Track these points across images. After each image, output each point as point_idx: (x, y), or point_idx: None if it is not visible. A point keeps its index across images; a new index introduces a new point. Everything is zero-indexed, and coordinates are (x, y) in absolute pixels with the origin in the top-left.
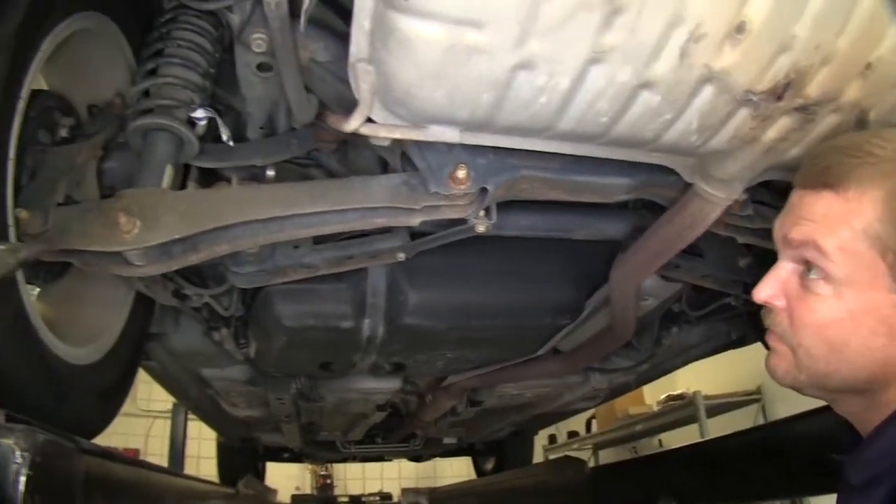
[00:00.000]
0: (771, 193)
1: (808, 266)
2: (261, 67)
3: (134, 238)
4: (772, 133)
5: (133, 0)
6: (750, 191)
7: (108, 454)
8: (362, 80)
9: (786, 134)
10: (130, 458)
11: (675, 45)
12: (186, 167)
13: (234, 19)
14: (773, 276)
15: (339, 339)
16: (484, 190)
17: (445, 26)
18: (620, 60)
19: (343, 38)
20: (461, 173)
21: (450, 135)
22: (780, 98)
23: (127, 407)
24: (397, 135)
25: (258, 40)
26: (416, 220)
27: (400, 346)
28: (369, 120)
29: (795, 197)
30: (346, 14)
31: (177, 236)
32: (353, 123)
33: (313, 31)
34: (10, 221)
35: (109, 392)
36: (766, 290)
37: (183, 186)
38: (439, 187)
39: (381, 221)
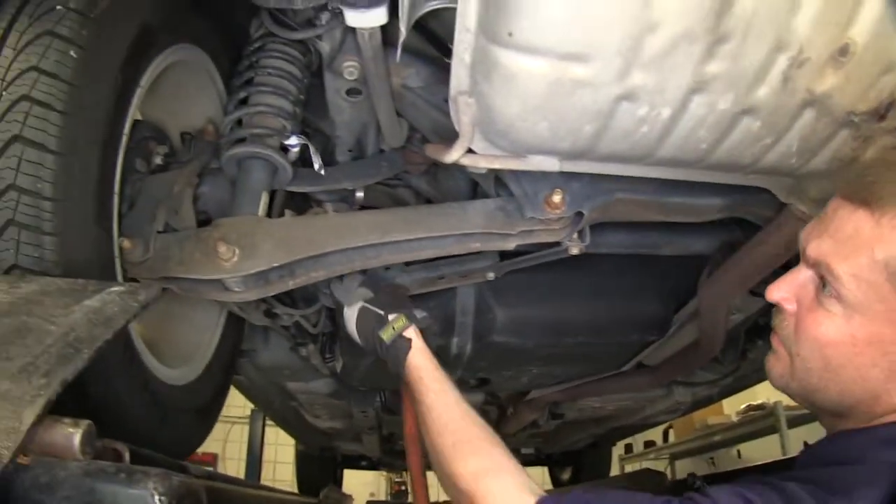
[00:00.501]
0: None
1: (823, 281)
2: (350, 92)
3: (233, 266)
4: (871, 152)
5: (222, 30)
6: None
7: (211, 476)
8: (463, 113)
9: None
10: (228, 477)
11: (777, 71)
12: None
13: (324, 47)
14: (790, 279)
15: None
16: (579, 214)
17: (550, 61)
18: (722, 88)
19: (435, 63)
20: (557, 198)
21: (550, 164)
22: (882, 118)
23: None
24: (497, 165)
25: (350, 68)
26: (511, 245)
27: (487, 363)
28: (469, 150)
29: (831, 207)
30: (436, 40)
31: (275, 264)
32: (454, 155)
33: (405, 58)
34: (117, 252)
35: (205, 410)
36: (780, 292)
37: (272, 209)
38: (535, 212)
39: (476, 246)
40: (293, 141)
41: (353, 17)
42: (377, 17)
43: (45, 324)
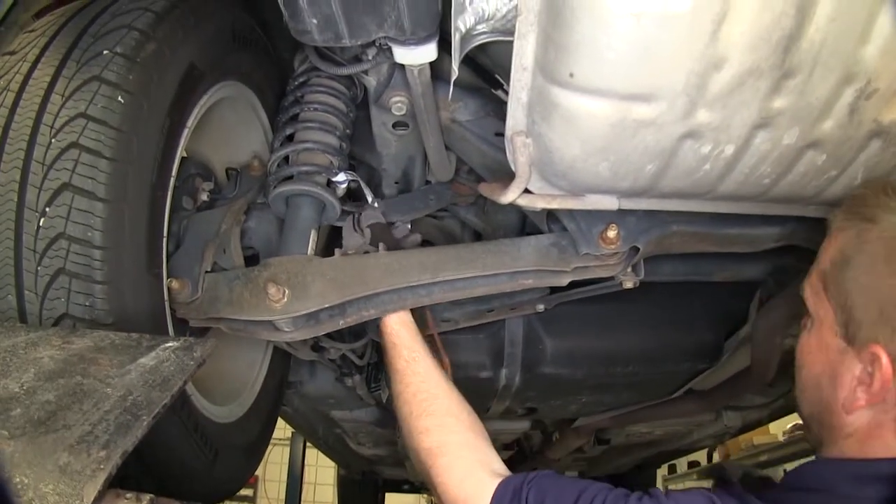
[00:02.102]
0: None
1: None
2: (397, 126)
3: (283, 307)
4: None
5: (266, 65)
6: None
7: None
8: (521, 154)
9: None
10: None
11: (844, 103)
12: None
13: (371, 81)
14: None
15: (476, 387)
16: (634, 248)
17: (612, 102)
18: (788, 123)
19: (483, 95)
20: (612, 233)
21: (609, 202)
22: None
23: None
24: (555, 205)
25: (398, 103)
26: (565, 281)
27: (535, 393)
28: (525, 190)
29: None
30: (484, 72)
31: (325, 305)
32: (511, 196)
33: (454, 91)
34: (166, 296)
35: (254, 445)
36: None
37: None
38: (590, 248)
39: (529, 283)
40: (341, 178)
41: (402, 54)
42: (427, 53)
43: (101, 385)
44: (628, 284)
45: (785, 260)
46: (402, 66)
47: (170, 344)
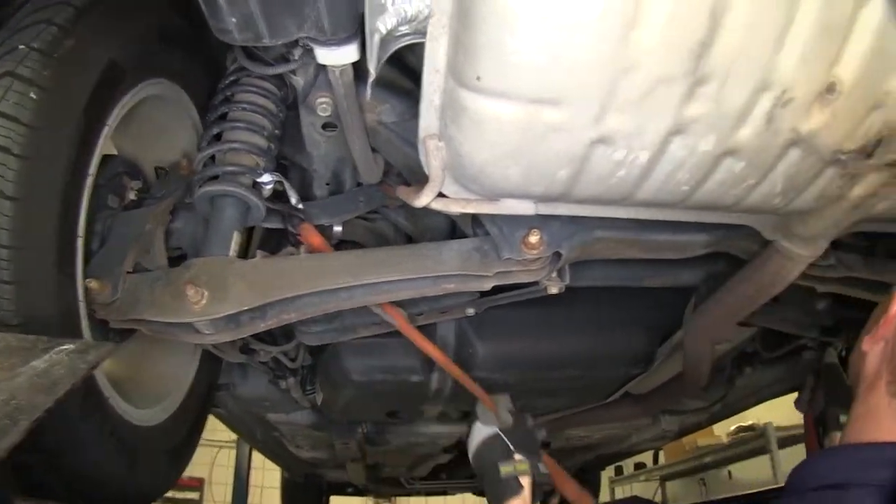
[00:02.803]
0: (855, 238)
1: None
2: (326, 127)
3: (202, 309)
4: (859, 190)
5: (196, 64)
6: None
7: None
8: (433, 157)
9: (875, 189)
10: None
11: (761, 112)
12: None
13: (298, 82)
14: None
15: (407, 391)
16: (558, 254)
17: (520, 105)
18: (703, 130)
19: (410, 97)
20: (534, 238)
21: (525, 207)
22: (870, 155)
23: None
24: (470, 209)
25: (323, 104)
26: (487, 286)
27: (469, 397)
28: (441, 194)
29: None
30: (412, 73)
31: (244, 307)
32: (424, 200)
33: (379, 92)
34: (81, 296)
35: (178, 450)
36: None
37: (248, 245)
38: (512, 253)
39: (451, 287)
40: (266, 178)
41: (324, 55)
42: (347, 54)
43: None
44: (553, 290)
45: (719, 266)
46: (326, 68)
47: (65, 346)
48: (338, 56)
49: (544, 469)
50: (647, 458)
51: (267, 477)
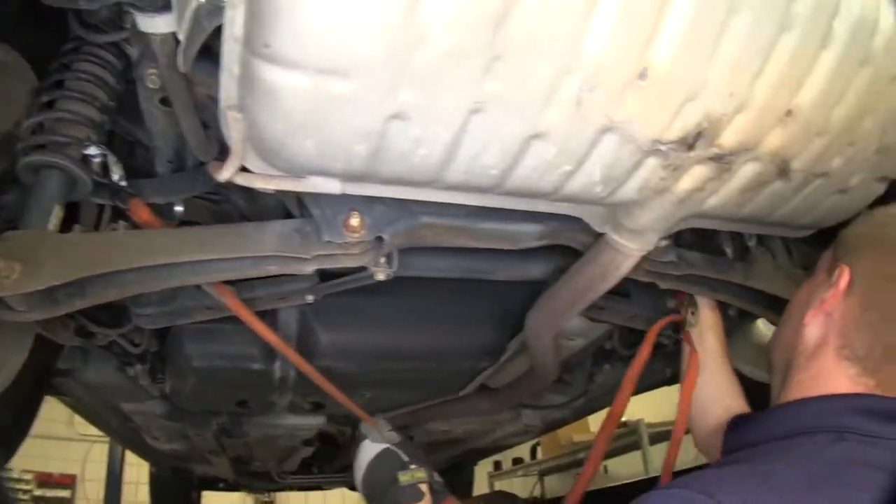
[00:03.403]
0: (697, 237)
1: None
2: (164, 101)
3: (13, 283)
4: (685, 183)
5: (39, 29)
6: (672, 237)
7: None
8: (232, 129)
9: (701, 184)
10: None
11: (568, 94)
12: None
13: (133, 52)
14: None
15: (251, 379)
16: (380, 238)
17: (310, 76)
18: (505, 111)
19: None
20: (354, 221)
21: (330, 186)
22: (691, 148)
23: (64, 431)
24: (273, 186)
25: (151, 76)
26: (308, 269)
27: (315, 387)
28: (246, 169)
29: None
30: None
31: (57, 282)
32: (225, 174)
33: (210, 66)
34: None
35: (3, 436)
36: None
37: (98, 224)
38: (332, 236)
39: (273, 269)
40: (93, 151)
41: (144, 22)
42: (165, 22)
43: None
44: (380, 276)
45: (568, 260)
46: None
47: None
48: (156, 24)
49: (438, 478)
50: (524, 452)
51: (142, 473)
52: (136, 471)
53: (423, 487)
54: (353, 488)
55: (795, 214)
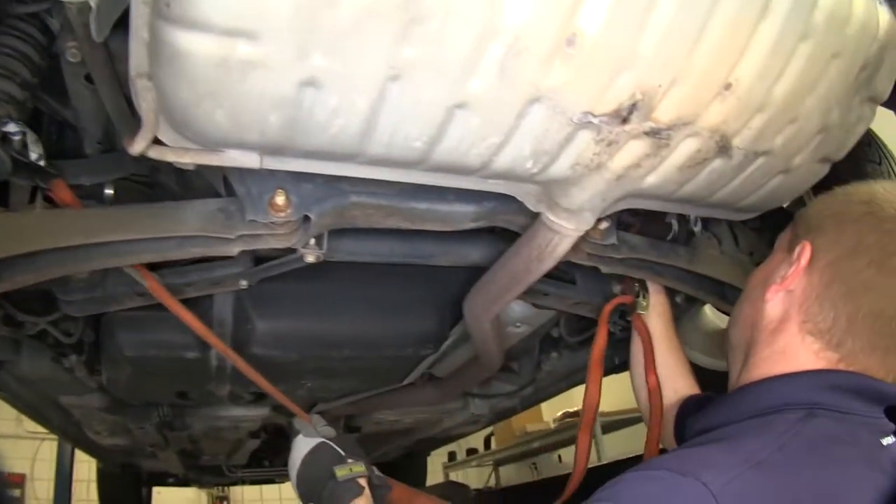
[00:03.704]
0: (642, 221)
1: None
2: (89, 78)
3: None
4: (621, 160)
5: None
6: (613, 218)
7: None
8: (143, 98)
9: (638, 160)
10: None
11: (491, 60)
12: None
13: (54, 24)
14: None
15: (187, 369)
16: (307, 217)
17: (213, 38)
18: (425, 77)
19: None
20: (280, 199)
21: (249, 160)
22: (625, 121)
23: (12, 429)
24: (188, 159)
25: (72, 49)
26: (234, 251)
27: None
28: (160, 142)
29: None
30: None
31: None
32: (137, 146)
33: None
34: None
35: None
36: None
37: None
38: (257, 215)
39: (197, 251)
40: (12, 129)
41: None
42: None
43: None
44: (310, 258)
45: (510, 246)
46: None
47: None
48: None
49: (378, 472)
50: (478, 442)
51: (93, 470)
52: (88, 468)
53: (362, 481)
54: None
55: (738, 195)
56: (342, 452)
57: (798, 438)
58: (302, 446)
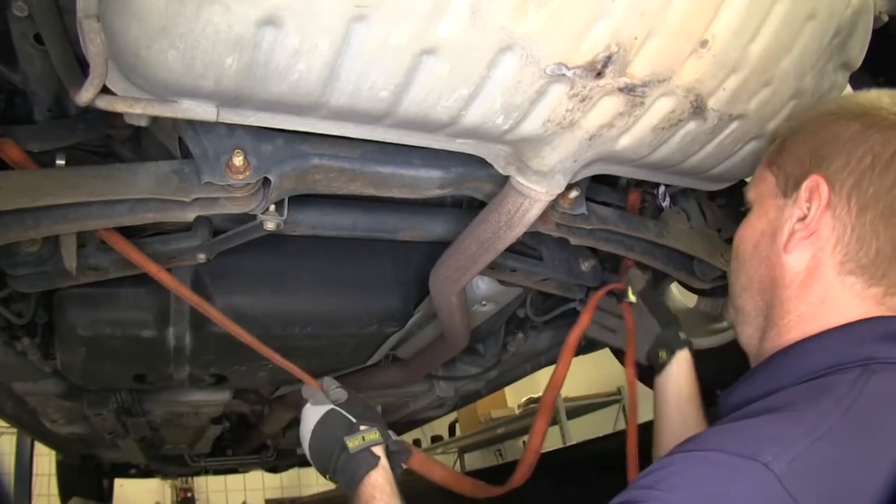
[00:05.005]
0: (615, 191)
1: None
2: (38, 39)
3: None
4: (594, 118)
5: None
6: (583, 187)
7: None
8: (90, 42)
9: (611, 119)
10: None
11: (463, 1)
12: None
13: None
14: None
15: (144, 349)
16: (267, 181)
17: None
18: (391, 18)
19: None
20: (238, 160)
21: (205, 111)
22: (600, 75)
23: None
24: (139, 109)
25: (18, 2)
26: (190, 216)
27: (213, 357)
28: (110, 92)
29: None
30: None
31: None
32: (85, 96)
33: None
34: None
35: None
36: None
37: None
38: (213, 177)
39: (151, 216)
40: None
41: None
42: None
43: None
44: (269, 225)
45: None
46: None
47: None
48: None
49: (395, 436)
50: (442, 430)
51: (54, 464)
52: (48, 462)
53: (378, 450)
54: (269, 471)
55: (710, 162)
56: (353, 420)
57: (861, 400)
58: (311, 417)
